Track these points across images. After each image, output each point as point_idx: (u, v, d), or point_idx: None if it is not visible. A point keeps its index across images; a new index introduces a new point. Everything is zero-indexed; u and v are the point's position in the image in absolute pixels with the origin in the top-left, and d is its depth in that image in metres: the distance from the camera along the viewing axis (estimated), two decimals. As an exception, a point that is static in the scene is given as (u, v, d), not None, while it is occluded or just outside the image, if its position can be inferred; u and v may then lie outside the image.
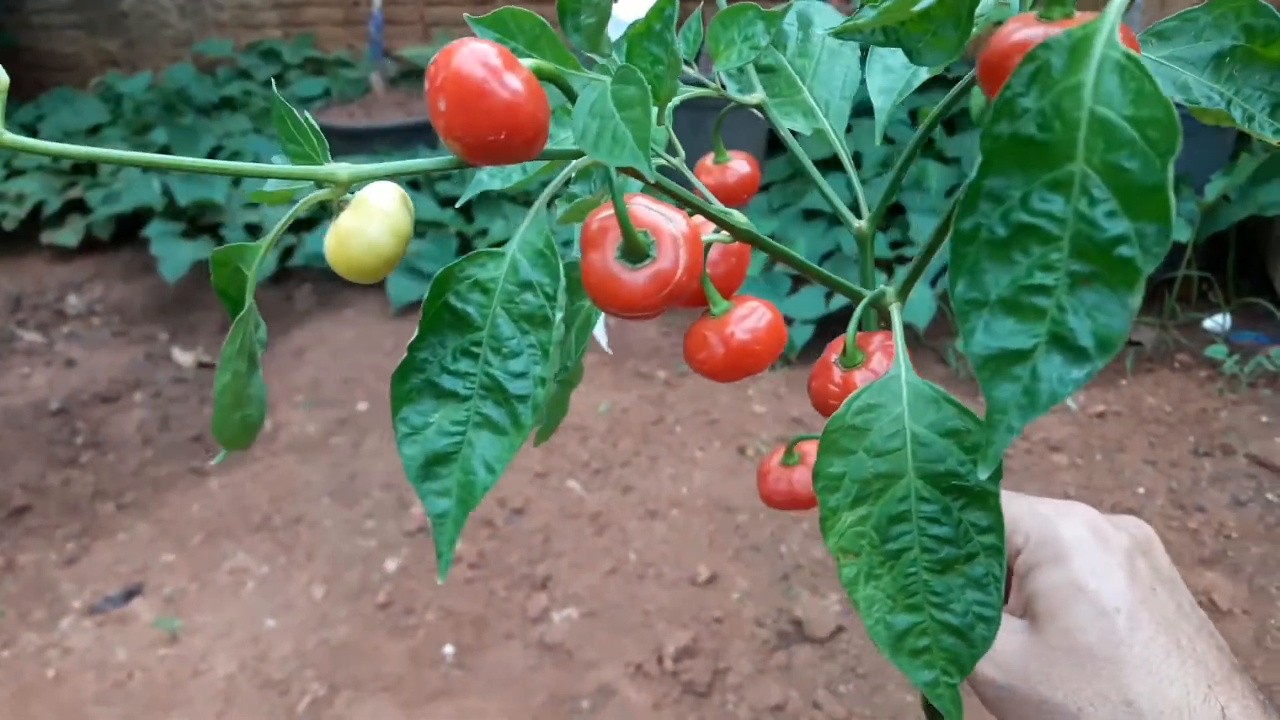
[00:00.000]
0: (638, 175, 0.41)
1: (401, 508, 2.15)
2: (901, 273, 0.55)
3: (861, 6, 0.44)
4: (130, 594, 1.99)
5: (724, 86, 0.58)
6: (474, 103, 0.35)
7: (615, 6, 0.71)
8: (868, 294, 0.52)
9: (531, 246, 0.41)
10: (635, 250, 0.41)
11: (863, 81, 0.60)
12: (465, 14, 0.44)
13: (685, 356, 0.51)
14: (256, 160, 3.26)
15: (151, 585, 2.01)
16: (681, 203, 0.45)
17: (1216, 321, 2.50)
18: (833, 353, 0.53)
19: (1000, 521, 0.41)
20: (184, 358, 2.86)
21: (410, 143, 3.21)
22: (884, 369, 0.49)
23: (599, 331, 0.68)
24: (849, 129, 0.59)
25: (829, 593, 1.82)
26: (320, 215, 3.03)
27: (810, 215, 2.81)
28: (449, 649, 1.79)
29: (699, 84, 0.56)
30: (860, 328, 0.50)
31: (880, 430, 0.43)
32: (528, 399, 0.40)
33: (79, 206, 3.38)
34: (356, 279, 0.42)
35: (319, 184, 0.40)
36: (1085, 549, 0.48)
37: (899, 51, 0.53)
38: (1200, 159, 2.56)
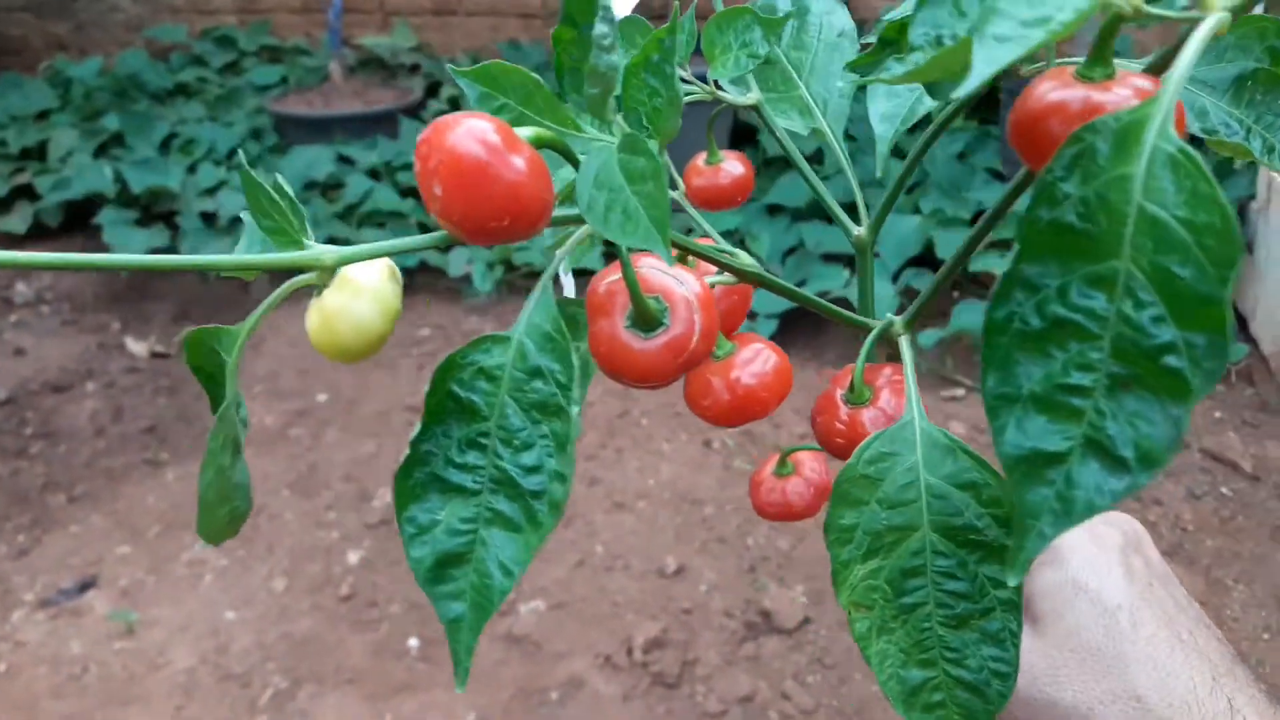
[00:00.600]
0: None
1: (363, 500, 2.12)
2: (909, 287, 0.54)
3: (881, 49, 0.41)
4: (84, 586, 1.94)
5: (718, 84, 0.56)
6: (474, 188, 0.32)
7: None
8: (875, 325, 0.49)
9: (539, 330, 0.38)
10: (647, 319, 0.39)
11: (861, 89, 0.58)
12: (449, 66, 0.42)
13: (687, 400, 0.49)
14: (211, 148, 3.21)
15: (106, 577, 1.96)
16: (686, 252, 0.42)
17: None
18: (838, 386, 0.50)
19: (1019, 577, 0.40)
20: (137, 347, 2.81)
21: (369, 132, 3.17)
22: (893, 408, 0.47)
23: (565, 280, 0.67)
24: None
25: (795, 584, 1.83)
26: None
27: (773, 210, 2.82)
28: (414, 642, 1.78)
29: (687, 83, 0.54)
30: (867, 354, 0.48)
31: (894, 481, 0.41)
32: (543, 495, 0.37)
33: (27, 192, 3.30)
34: (341, 360, 0.40)
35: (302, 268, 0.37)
36: (1081, 548, 0.49)
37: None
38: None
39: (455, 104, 3.39)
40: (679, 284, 0.39)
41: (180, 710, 1.67)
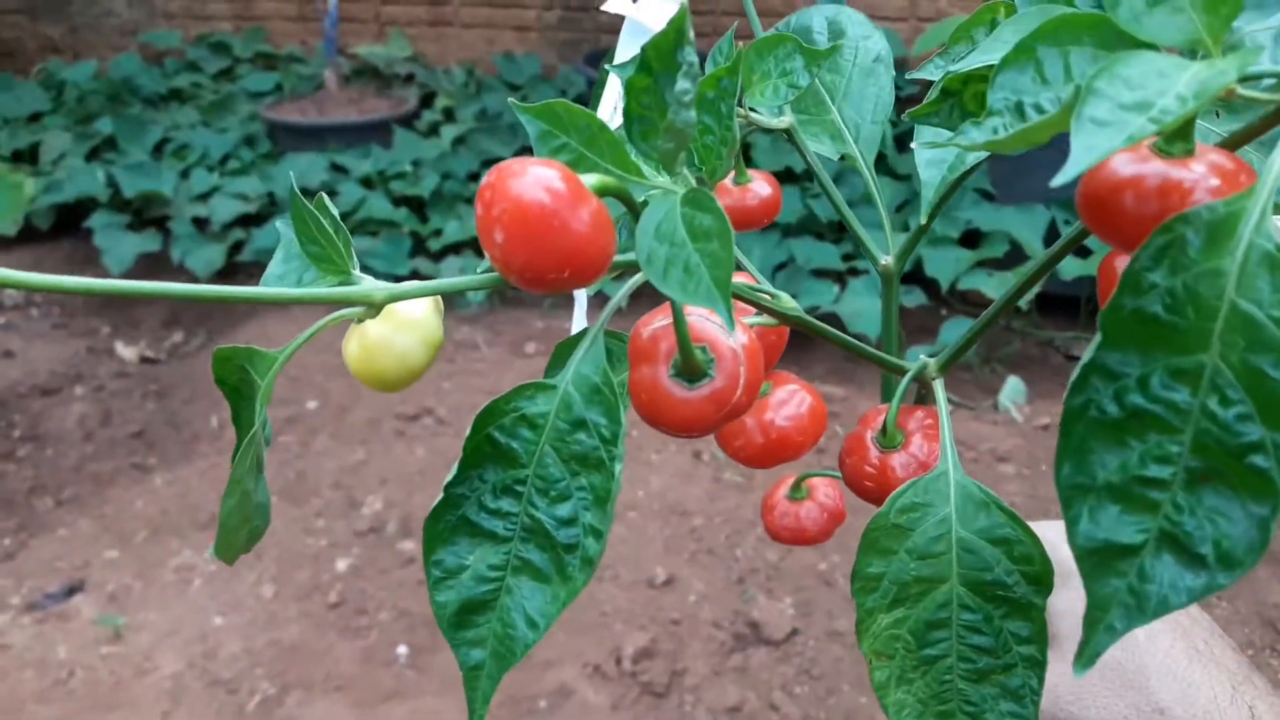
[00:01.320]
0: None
1: (351, 507, 2.12)
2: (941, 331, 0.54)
3: (942, 100, 0.40)
4: (71, 591, 1.94)
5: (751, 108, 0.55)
6: (538, 240, 0.32)
7: (634, 9, 0.69)
8: (910, 368, 0.49)
9: (586, 382, 0.37)
10: (693, 369, 0.38)
11: (896, 116, 0.55)
12: (512, 101, 0.40)
13: (719, 440, 0.49)
14: (204, 154, 3.21)
15: (93, 582, 1.96)
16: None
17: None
18: (867, 428, 0.49)
19: (1043, 634, 0.40)
20: (127, 352, 2.80)
21: (364, 140, 3.18)
22: (925, 453, 0.47)
23: (578, 311, 0.66)
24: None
25: (784, 596, 1.84)
26: (270, 211, 2.99)
27: (766, 227, 2.83)
28: (403, 649, 1.78)
29: None
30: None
31: (924, 532, 0.41)
32: (576, 549, 0.36)
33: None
34: (378, 390, 0.39)
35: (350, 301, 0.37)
36: None
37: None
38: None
39: (449, 114, 3.40)
40: (726, 334, 0.39)
41: (167, 716, 1.66)
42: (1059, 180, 0.26)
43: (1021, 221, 2.60)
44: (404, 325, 0.39)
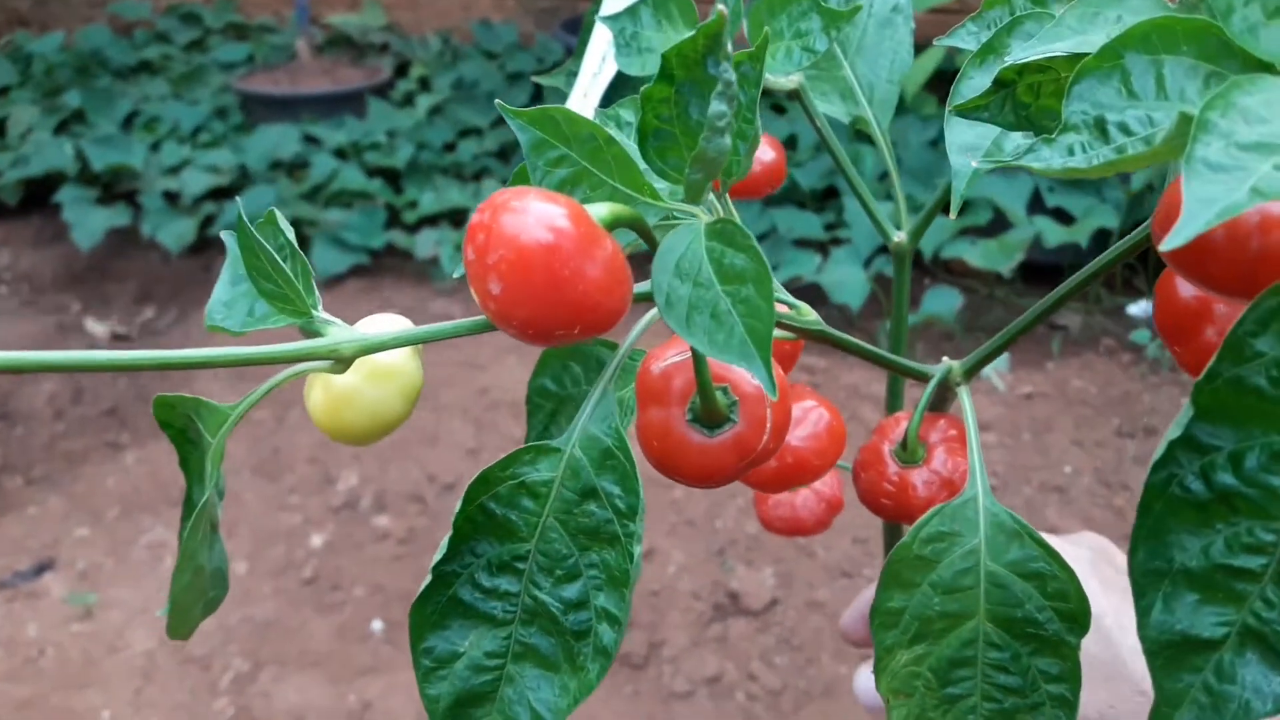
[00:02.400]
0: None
1: (326, 483, 2.09)
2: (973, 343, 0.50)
3: (995, 90, 0.35)
4: (41, 569, 1.91)
5: None
6: (543, 293, 0.27)
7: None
8: (934, 373, 0.45)
9: (596, 444, 0.33)
10: (714, 414, 0.33)
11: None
12: (498, 103, 0.34)
13: None
14: (175, 127, 3.15)
15: (64, 560, 1.92)
16: None
17: (1140, 307, 2.56)
18: (884, 439, 0.46)
19: (1076, 672, 0.37)
20: (98, 329, 2.75)
21: (337, 111, 3.12)
22: (949, 470, 0.44)
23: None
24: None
25: (764, 566, 1.82)
26: (242, 184, 2.94)
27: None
28: (378, 624, 1.75)
29: None
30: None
31: (951, 565, 0.38)
32: (587, 636, 0.32)
33: (-15, 170, 3.23)
34: (347, 444, 0.35)
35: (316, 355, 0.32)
36: None
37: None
38: (1125, 147, 2.61)
39: (425, 83, 3.35)
40: (752, 375, 0.36)
41: (139, 693, 1.64)
42: (1169, 245, 0.22)
43: (1005, 189, 2.58)
44: (378, 375, 0.34)
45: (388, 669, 1.66)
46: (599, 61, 0.66)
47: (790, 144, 2.88)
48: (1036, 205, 2.58)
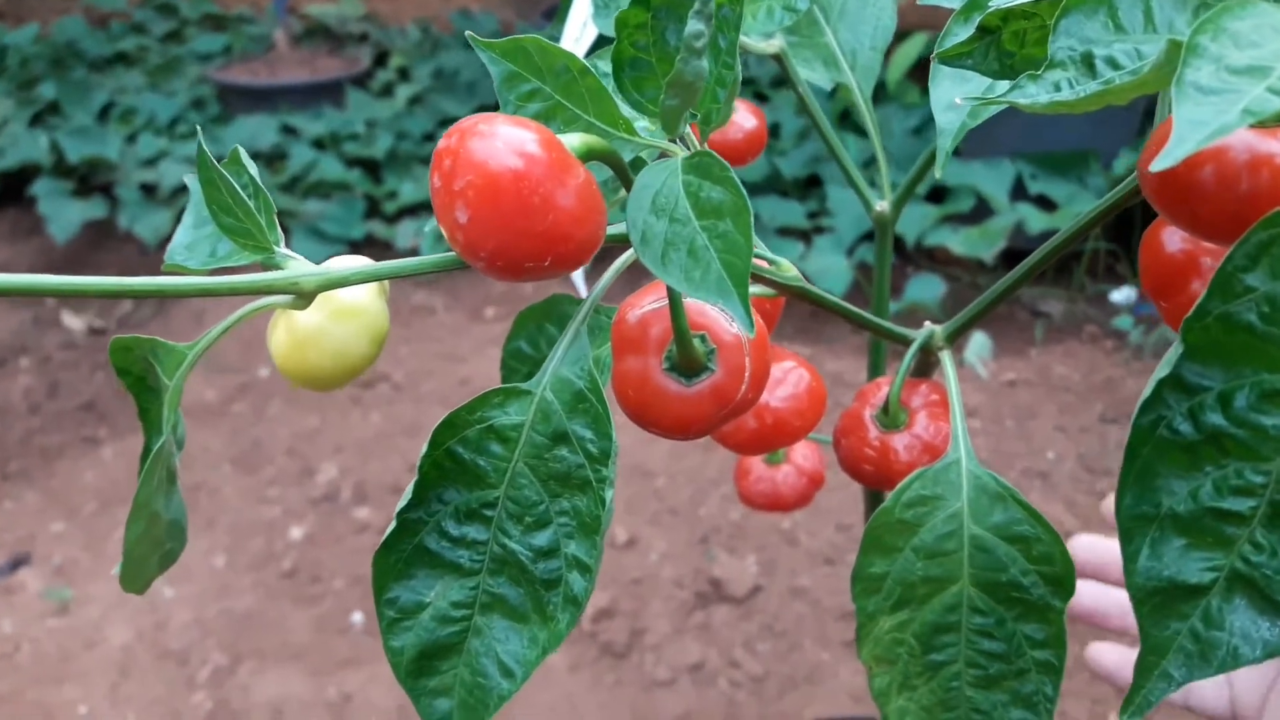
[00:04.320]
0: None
1: (306, 475, 2.07)
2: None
3: (980, 37, 0.33)
4: (17, 564, 1.88)
5: None
6: (512, 220, 0.26)
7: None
8: (915, 337, 0.44)
9: (569, 387, 0.32)
10: (691, 362, 0.32)
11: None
12: (469, 34, 0.33)
13: None
14: (151, 118, 3.12)
15: (40, 555, 1.90)
16: None
17: (1123, 294, 2.56)
18: (865, 404, 0.45)
19: (1061, 637, 0.36)
20: (74, 322, 2.72)
21: (316, 101, 3.10)
22: (930, 434, 0.43)
23: (577, 279, 0.61)
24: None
25: (747, 554, 1.81)
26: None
27: (727, 183, 2.79)
28: (358, 616, 1.73)
29: None
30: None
31: (933, 529, 0.37)
32: (557, 585, 0.31)
33: (-41, 163, 3.19)
34: (311, 389, 0.33)
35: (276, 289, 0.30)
36: None
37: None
38: (1108, 134, 2.61)
39: (404, 73, 3.32)
40: (729, 320, 0.33)
41: (116, 688, 1.62)
42: (1160, 165, 0.21)
43: (987, 176, 2.57)
44: (343, 313, 0.33)
45: (368, 661, 1.65)
46: (580, 27, 0.65)
47: (774, 132, 2.87)
48: (1019, 192, 2.58)
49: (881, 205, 0.53)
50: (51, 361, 2.55)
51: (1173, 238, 0.36)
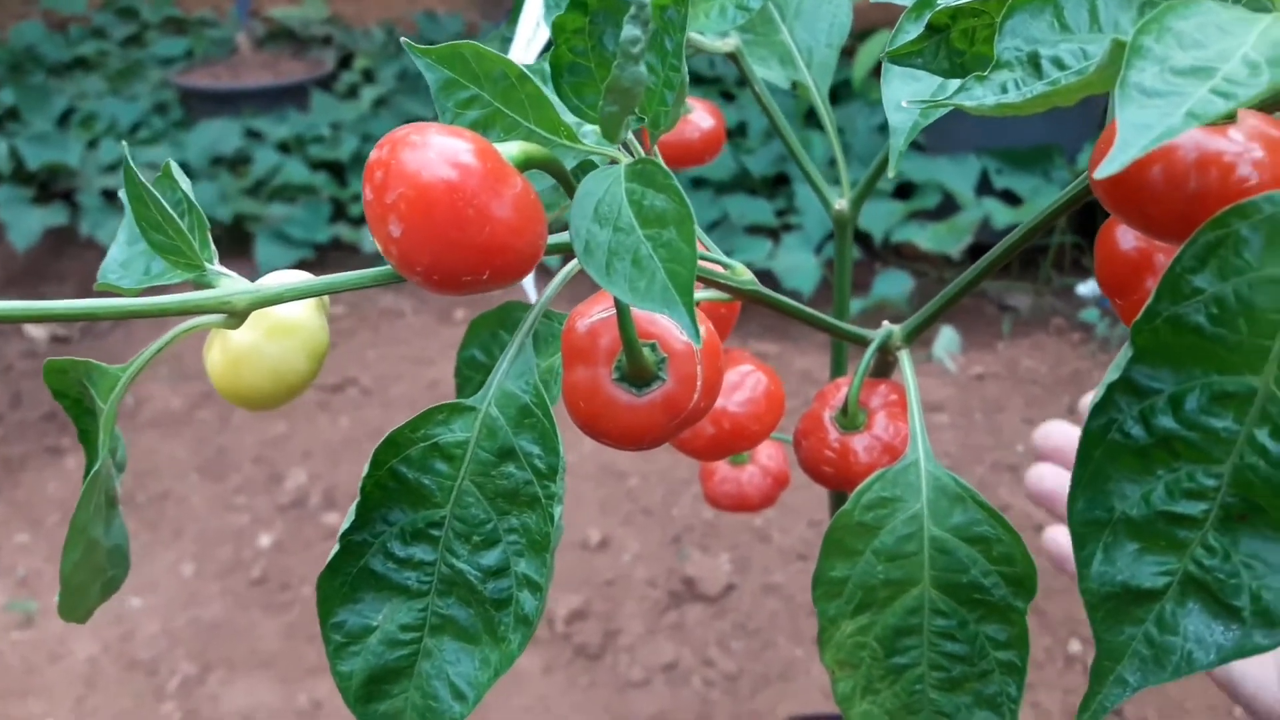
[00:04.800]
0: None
1: (274, 482, 2.05)
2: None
3: (928, 36, 0.33)
4: (-22, 577, 1.85)
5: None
6: (447, 233, 0.25)
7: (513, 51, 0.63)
8: (873, 337, 0.44)
9: (514, 401, 0.31)
10: (642, 372, 0.32)
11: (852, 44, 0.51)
12: (404, 40, 0.33)
13: None
14: (112, 123, 3.08)
15: (4, 566, 1.87)
16: None
17: (1089, 287, 2.58)
18: (825, 405, 0.45)
19: (1024, 638, 0.36)
20: (37, 332, 2.68)
21: (280, 104, 3.07)
22: (890, 434, 0.43)
23: (528, 285, 0.60)
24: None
25: (720, 552, 1.81)
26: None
27: (698, 183, 2.79)
28: (329, 623, 1.72)
29: None
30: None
31: (893, 531, 0.37)
32: (508, 605, 0.31)
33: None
34: (249, 409, 0.32)
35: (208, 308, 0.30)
36: None
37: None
38: (1071, 128, 2.63)
39: (369, 75, 3.30)
40: (679, 329, 0.32)
41: (82, 701, 1.59)
42: (1104, 172, 0.21)
43: (953, 172, 2.59)
44: (279, 331, 0.32)
45: (339, 668, 1.64)
46: (533, 28, 0.65)
47: (740, 131, 2.87)
48: (984, 187, 2.59)
49: (840, 204, 0.53)
50: (13, 371, 2.52)
51: (1127, 235, 0.36)
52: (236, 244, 2.75)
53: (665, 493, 1.95)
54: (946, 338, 2.39)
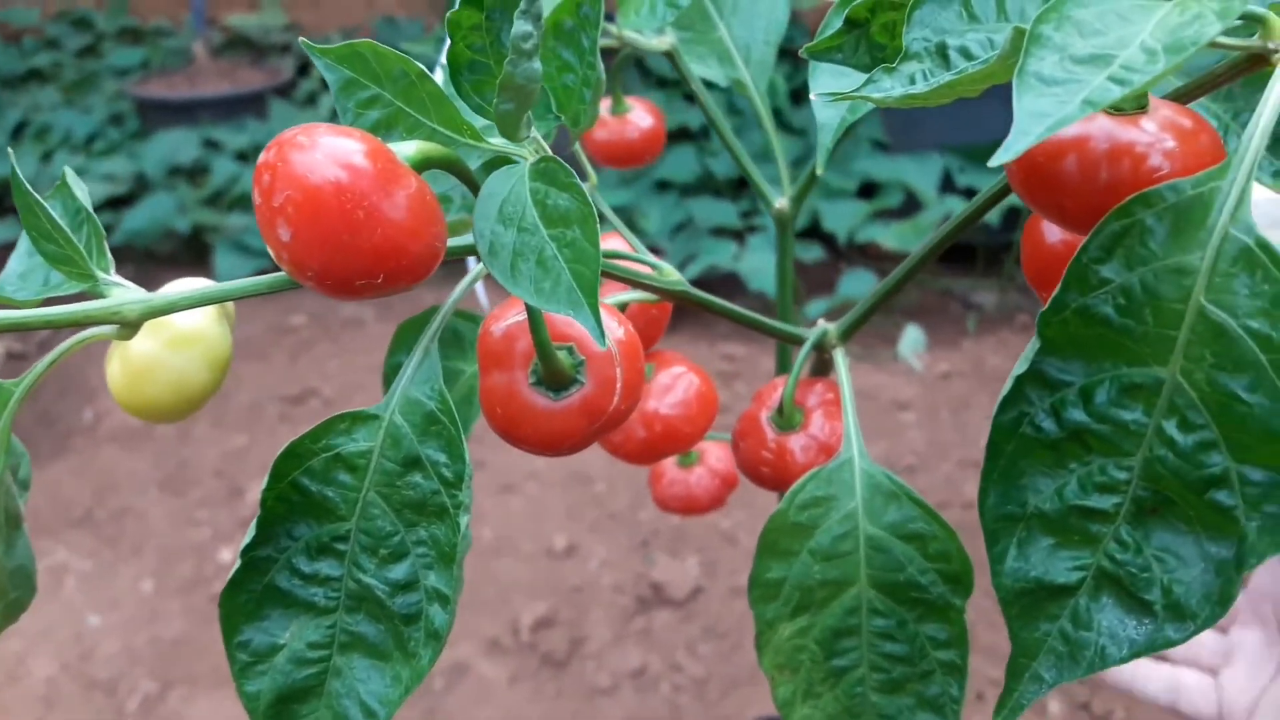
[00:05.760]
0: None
1: (235, 495, 2.03)
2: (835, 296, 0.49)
3: (848, 30, 0.32)
4: (-68, 599, 1.82)
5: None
6: (336, 236, 0.24)
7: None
8: (808, 336, 0.44)
9: (419, 409, 0.30)
10: (558, 376, 0.31)
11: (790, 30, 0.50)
12: (302, 39, 0.32)
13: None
14: (67, 136, 3.04)
15: (-43, 589, 1.84)
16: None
17: (1050, 281, 2.59)
18: (762, 405, 0.45)
19: (963, 637, 0.35)
20: (-8, 347, 2.64)
21: (238, 114, 3.04)
22: (826, 434, 0.43)
23: (479, 290, 0.59)
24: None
25: (688, 556, 1.80)
26: (140, 192, 2.84)
27: (662, 186, 2.78)
28: (293, 637, 1.70)
29: None
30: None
31: (829, 530, 0.37)
32: (418, 620, 0.30)
33: None
34: (150, 421, 0.31)
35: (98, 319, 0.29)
36: None
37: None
38: (1030, 125, 2.64)
39: (328, 83, 3.28)
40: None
41: (39, 723, 1.57)
42: (998, 160, 0.21)
43: (916, 170, 2.59)
44: (179, 341, 0.31)
45: (303, 682, 1.62)
46: (446, 24, 0.64)
47: (705, 133, 2.87)
48: (948, 185, 2.60)
49: (781, 202, 0.53)
50: (-31, 388, 2.48)
51: (1052, 229, 0.36)
52: (195, 255, 2.72)
53: (632, 498, 1.94)
54: (912, 337, 2.39)
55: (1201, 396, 0.23)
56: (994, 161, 0.21)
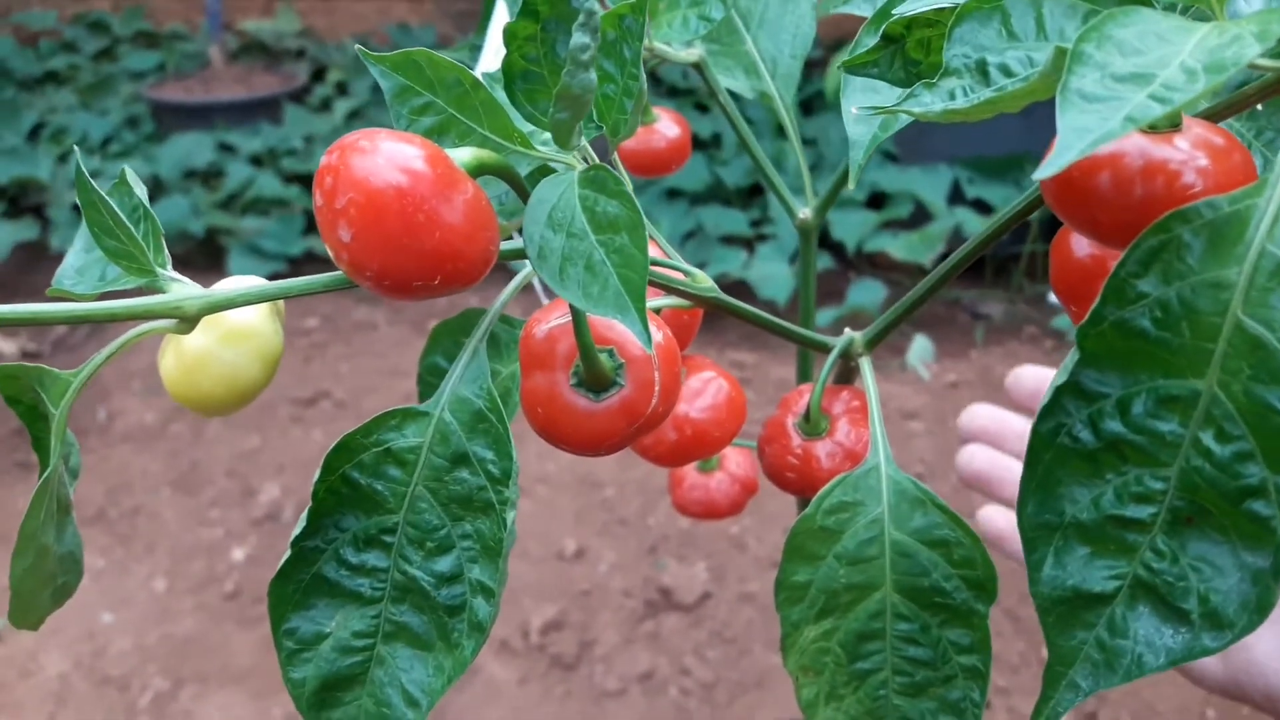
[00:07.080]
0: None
1: (247, 495, 2.04)
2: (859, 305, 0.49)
3: (884, 47, 0.33)
4: (-54, 595, 1.83)
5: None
6: (397, 239, 0.25)
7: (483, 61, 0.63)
8: (835, 344, 0.44)
9: (468, 406, 0.31)
10: (599, 377, 0.32)
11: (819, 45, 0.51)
12: (359, 48, 0.33)
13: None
14: (84, 137, 3.06)
15: (-29, 585, 1.85)
16: None
17: (1058, 293, 2.60)
18: (788, 412, 0.45)
19: (986, 643, 0.36)
20: (6, 346, 2.66)
21: (252, 118, 3.06)
22: (852, 440, 0.43)
23: (537, 288, 0.59)
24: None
25: (697, 561, 1.81)
26: (155, 194, 2.86)
27: (672, 194, 2.80)
28: (304, 636, 1.71)
29: None
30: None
31: (855, 535, 0.37)
32: (461, 611, 0.31)
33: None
34: (202, 414, 0.33)
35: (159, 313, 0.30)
36: None
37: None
38: (1042, 137, 2.66)
39: (342, 88, 3.30)
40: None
41: (53, 718, 1.58)
42: (1042, 173, 0.21)
43: (925, 181, 2.61)
44: (232, 336, 0.32)
45: (314, 682, 1.63)
46: (498, 46, 0.65)
47: (715, 142, 2.89)
48: (957, 196, 2.61)
49: (805, 213, 0.53)
50: (-17, 387, 2.49)
51: (1081, 243, 0.36)
52: (209, 257, 2.74)
53: (642, 502, 1.95)
54: (920, 346, 2.40)
55: (1238, 408, 0.23)
56: (1038, 175, 0.22)
